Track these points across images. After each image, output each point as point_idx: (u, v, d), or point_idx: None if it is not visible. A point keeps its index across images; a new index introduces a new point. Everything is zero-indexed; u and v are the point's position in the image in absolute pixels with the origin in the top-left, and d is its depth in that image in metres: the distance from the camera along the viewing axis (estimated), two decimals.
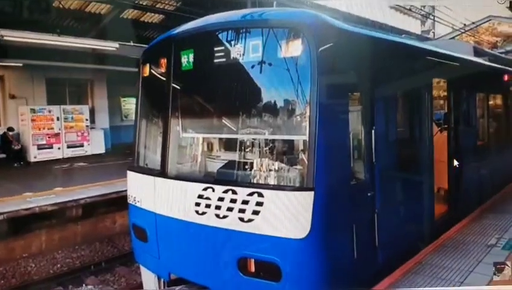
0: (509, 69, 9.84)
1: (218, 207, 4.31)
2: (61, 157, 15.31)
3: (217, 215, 4.30)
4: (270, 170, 4.32)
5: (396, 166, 5.23)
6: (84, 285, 7.97)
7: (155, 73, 5.26)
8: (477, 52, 8.79)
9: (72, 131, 15.73)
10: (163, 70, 5.08)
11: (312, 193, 3.96)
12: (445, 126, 6.78)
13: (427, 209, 5.80)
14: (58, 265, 8.77)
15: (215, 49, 4.57)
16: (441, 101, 6.65)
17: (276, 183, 4.28)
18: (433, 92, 6.30)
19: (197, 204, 4.45)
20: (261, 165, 4.36)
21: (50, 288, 7.76)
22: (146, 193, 5.01)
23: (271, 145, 4.39)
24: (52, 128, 15.22)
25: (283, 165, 4.31)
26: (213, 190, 4.38)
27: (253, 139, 4.48)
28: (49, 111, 15.21)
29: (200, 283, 4.55)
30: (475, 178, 7.48)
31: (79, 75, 16.44)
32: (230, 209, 4.23)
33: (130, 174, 5.39)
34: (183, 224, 4.55)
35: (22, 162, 14.48)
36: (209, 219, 4.35)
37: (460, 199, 6.82)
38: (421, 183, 5.78)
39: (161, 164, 4.91)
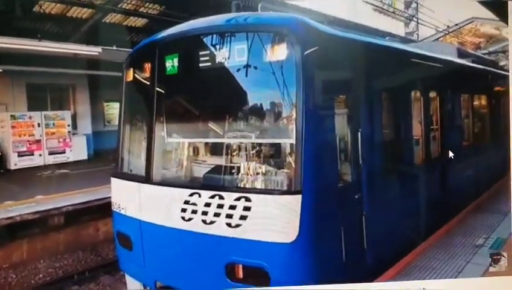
0: (492, 69, 10.04)
1: (204, 213, 4.30)
2: (42, 164, 15.00)
3: (204, 221, 4.29)
4: (258, 174, 4.34)
5: (383, 167, 5.29)
6: None
7: (139, 78, 5.23)
8: (461, 54, 8.95)
9: (54, 137, 15.43)
10: (147, 74, 5.07)
11: (300, 196, 3.98)
12: (432, 127, 6.87)
13: (416, 209, 5.87)
14: (41, 275, 8.56)
15: (200, 53, 4.58)
16: (426, 102, 6.73)
17: (263, 187, 4.31)
18: (418, 94, 6.39)
19: (183, 210, 4.43)
20: (248, 169, 4.37)
21: None
22: (130, 199, 4.98)
23: (258, 149, 4.42)
24: (33, 135, 14.91)
25: (270, 168, 4.34)
26: (199, 196, 4.38)
27: (239, 143, 4.50)
28: (30, 117, 14.91)
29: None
30: (462, 178, 7.60)
31: (60, 80, 16.16)
32: (217, 214, 4.23)
33: (114, 181, 5.34)
34: (169, 231, 4.53)
35: (1, 170, 14.20)
36: (195, 225, 4.35)
37: (448, 199, 6.91)
38: (408, 183, 5.86)
39: (146, 170, 4.88)
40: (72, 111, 16.91)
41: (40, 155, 15.11)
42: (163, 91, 4.93)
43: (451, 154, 7.09)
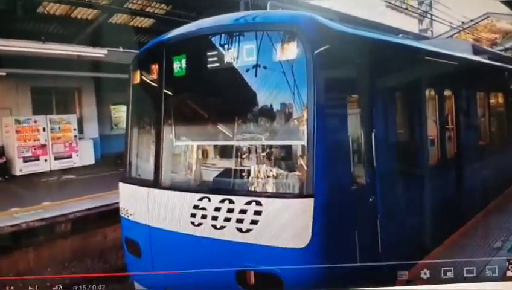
0: (509, 66, 9.95)
1: (214, 217, 4.31)
2: (48, 169, 15.08)
3: (214, 226, 4.30)
4: (268, 177, 4.34)
5: (397, 169, 5.25)
6: None
7: (146, 79, 5.27)
8: (477, 51, 8.88)
9: (60, 142, 15.50)
10: (154, 76, 5.10)
11: (312, 199, 3.97)
12: (447, 126, 6.83)
13: (431, 212, 5.83)
14: (48, 283, 8.66)
15: (209, 54, 4.59)
16: (441, 101, 6.68)
17: (274, 190, 4.30)
18: (432, 92, 6.35)
19: (193, 215, 4.44)
20: (259, 173, 4.37)
21: None
22: (139, 205, 5.00)
23: (268, 151, 4.41)
24: (38, 140, 15.00)
25: (281, 171, 4.33)
26: (209, 200, 4.38)
27: (249, 145, 4.50)
28: (35, 121, 15.00)
29: None
30: (479, 179, 7.53)
31: (66, 83, 16.32)
32: (227, 219, 4.23)
33: (122, 186, 5.37)
34: (178, 236, 4.55)
35: (6, 176, 14.31)
36: (205, 230, 4.36)
37: (464, 200, 6.86)
38: (423, 185, 5.82)
39: (154, 174, 4.91)
40: (78, 114, 17.04)
41: (46, 160, 15.20)
42: (171, 93, 4.95)
43: (467, 154, 7.04)
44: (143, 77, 5.31)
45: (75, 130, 15.95)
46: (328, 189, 4.11)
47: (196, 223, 4.42)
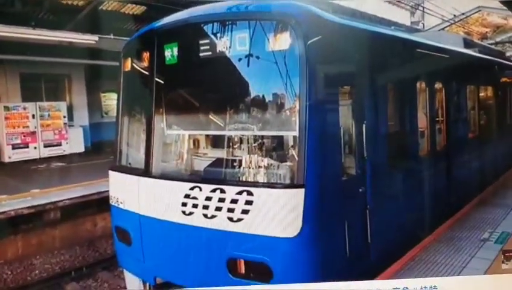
0: (499, 60, 10.01)
1: (205, 207, 4.30)
2: (37, 157, 14.91)
3: (205, 216, 4.30)
4: (260, 167, 4.34)
5: (387, 160, 5.28)
6: None
7: (137, 67, 5.21)
8: (468, 44, 8.91)
9: (49, 129, 15.31)
10: (146, 64, 5.05)
11: (302, 190, 3.98)
12: (437, 119, 6.87)
13: (420, 203, 5.88)
14: (37, 271, 8.61)
15: (200, 42, 4.55)
16: (432, 94, 6.71)
17: (265, 181, 4.30)
18: (423, 85, 6.38)
19: (184, 204, 4.43)
20: (250, 163, 4.37)
21: None
22: (129, 193, 4.97)
23: (260, 141, 4.41)
24: (28, 127, 14.80)
25: (273, 162, 4.33)
26: (200, 189, 4.38)
27: (241, 135, 4.49)
28: (24, 108, 14.80)
29: (187, 286, 4.54)
30: (467, 170, 7.61)
31: (56, 70, 16.07)
32: (218, 208, 4.23)
33: (112, 174, 5.33)
34: (169, 225, 4.54)
35: None
36: (196, 220, 4.35)
37: (453, 192, 6.93)
38: (413, 177, 5.86)
39: (145, 163, 4.88)
40: (68, 102, 16.83)
41: (35, 148, 15.01)
42: (162, 81, 4.91)
43: (456, 146, 7.10)
44: (134, 64, 5.25)
45: (64, 117, 15.73)
46: (318, 180, 4.12)
47: (187, 212, 4.41)
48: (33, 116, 14.97)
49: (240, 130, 4.48)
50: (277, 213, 4.01)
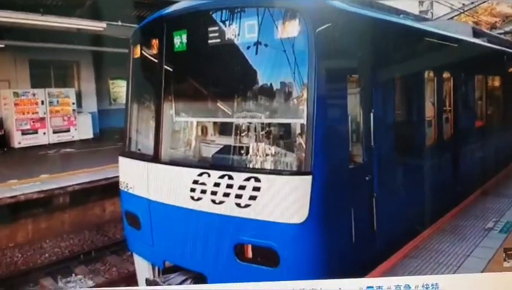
0: (508, 50, 9.91)
1: (214, 193, 4.34)
2: (47, 142, 15.02)
3: (213, 201, 4.34)
4: (267, 155, 4.36)
5: (394, 149, 5.29)
6: (73, 275, 7.98)
7: (146, 54, 5.22)
8: (476, 33, 8.83)
9: (58, 115, 15.40)
10: (155, 51, 5.05)
11: (310, 177, 4.01)
12: (445, 108, 6.84)
13: (426, 192, 5.89)
14: (46, 255, 8.72)
15: (209, 29, 4.55)
16: (440, 83, 6.67)
17: (273, 167, 4.33)
18: (431, 74, 6.35)
19: (192, 190, 4.48)
20: (258, 150, 4.39)
21: (38, 278, 7.72)
22: (139, 178, 5.02)
23: (268, 129, 4.42)
24: (37, 113, 14.89)
25: (280, 149, 4.35)
26: (208, 175, 4.41)
27: (249, 123, 4.50)
28: (33, 94, 14.87)
29: (195, 270, 4.61)
30: (474, 160, 7.59)
31: (64, 57, 16.10)
32: (226, 194, 4.27)
33: (122, 160, 5.38)
34: (178, 210, 4.59)
35: (5, 148, 14.26)
36: (204, 205, 4.40)
37: (460, 181, 6.93)
38: (419, 165, 5.86)
39: (154, 149, 4.91)
40: (77, 89, 16.89)
41: (44, 133, 15.12)
42: (171, 68, 4.91)
43: (463, 136, 7.08)
44: (143, 51, 5.25)
45: (73, 104, 15.82)
46: (326, 167, 4.14)
47: (196, 197, 4.45)
48: (42, 102, 15.07)
49: (248, 118, 4.50)
50: (284, 200, 4.05)
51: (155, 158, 4.88)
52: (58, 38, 13.96)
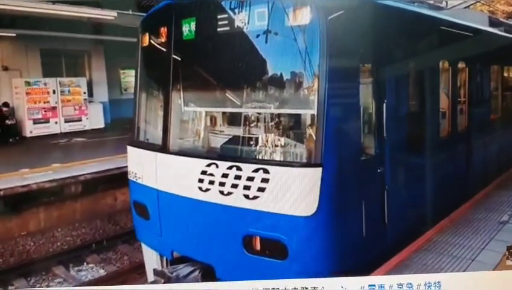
0: None
1: (222, 184, 4.29)
2: (58, 132, 15.08)
3: (221, 192, 4.29)
4: (276, 146, 4.29)
5: (407, 140, 5.17)
6: (85, 263, 8.04)
7: (155, 43, 5.15)
8: (493, 23, 8.59)
9: (69, 105, 15.44)
10: (163, 40, 4.98)
11: (320, 169, 3.93)
12: (459, 99, 6.67)
13: (440, 185, 5.76)
14: (58, 243, 8.76)
15: (218, 17, 4.46)
16: (455, 73, 6.50)
17: (282, 159, 4.26)
18: (446, 64, 6.18)
19: (200, 180, 4.43)
20: (267, 141, 4.32)
21: (50, 267, 7.78)
22: (147, 168, 4.99)
23: (277, 119, 4.34)
24: (48, 102, 14.93)
25: (290, 140, 4.28)
26: (217, 166, 4.35)
27: (258, 113, 4.42)
28: (45, 84, 14.91)
29: (203, 261, 4.57)
30: (489, 152, 7.43)
31: (75, 46, 16.09)
32: (234, 185, 4.21)
33: (130, 150, 5.35)
34: (186, 201, 4.55)
35: (17, 137, 14.30)
36: (213, 196, 4.35)
37: (473, 175, 6.78)
38: (433, 158, 5.73)
39: (163, 139, 4.87)
40: (88, 78, 16.90)
41: (56, 123, 15.18)
42: (180, 58, 4.85)
43: (478, 128, 6.91)
44: (151, 40, 5.18)
45: (84, 93, 15.83)
46: (336, 159, 4.06)
47: (204, 188, 4.40)
48: (53, 91, 15.09)
49: (257, 108, 4.42)
50: (293, 192, 3.97)
51: (163, 148, 4.84)
52: (69, 28, 13.92)
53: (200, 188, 4.42)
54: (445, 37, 6.10)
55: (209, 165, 4.40)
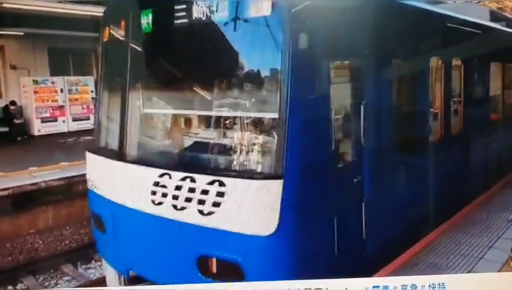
0: None
1: (175, 197, 3.63)
2: (66, 130, 14.69)
3: (174, 207, 3.63)
4: (234, 154, 3.58)
5: (390, 147, 4.39)
6: (93, 261, 7.59)
7: (113, 37, 4.44)
8: (495, 17, 7.66)
9: (77, 103, 15.04)
10: (121, 33, 4.31)
11: (281, 181, 3.24)
12: (454, 99, 5.80)
13: (428, 196, 4.95)
14: (66, 241, 8.41)
15: (176, 8, 3.77)
16: (448, 71, 5.63)
17: (240, 170, 3.54)
18: (439, 61, 5.33)
19: (153, 193, 3.76)
20: (224, 148, 3.61)
21: (58, 265, 7.40)
22: (102, 177, 4.32)
23: (235, 124, 3.62)
24: (56, 101, 14.52)
25: (248, 148, 3.55)
26: (170, 177, 3.68)
27: (215, 116, 3.72)
28: (53, 82, 14.50)
29: (159, 282, 3.87)
30: (486, 158, 6.56)
31: (83, 45, 15.57)
32: (188, 199, 3.55)
33: (89, 156, 4.68)
34: (139, 215, 3.87)
35: (25, 136, 13.96)
36: (165, 210, 3.68)
37: (465, 183, 5.94)
38: (421, 167, 4.92)
39: (118, 145, 4.21)
40: (95, 77, 16.46)
41: (64, 121, 14.77)
42: (137, 53, 4.17)
43: (474, 132, 6.03)
44: (111, 33, 4.48)
45: (92, 92, 15.24)
46: (300, 170, 3.37)
47: (156, 201, 3.73)
48: (61, 90, 14.68)
49: (214, 110, 3.70)
50: (251, 207, 3.31)
51: (119, 155, 4.17)
52: (77, 26, 13.47)
53: (153, 201, 3.74)
54: (437, 31, 5.26)
55: (162, 175, 3.72)
